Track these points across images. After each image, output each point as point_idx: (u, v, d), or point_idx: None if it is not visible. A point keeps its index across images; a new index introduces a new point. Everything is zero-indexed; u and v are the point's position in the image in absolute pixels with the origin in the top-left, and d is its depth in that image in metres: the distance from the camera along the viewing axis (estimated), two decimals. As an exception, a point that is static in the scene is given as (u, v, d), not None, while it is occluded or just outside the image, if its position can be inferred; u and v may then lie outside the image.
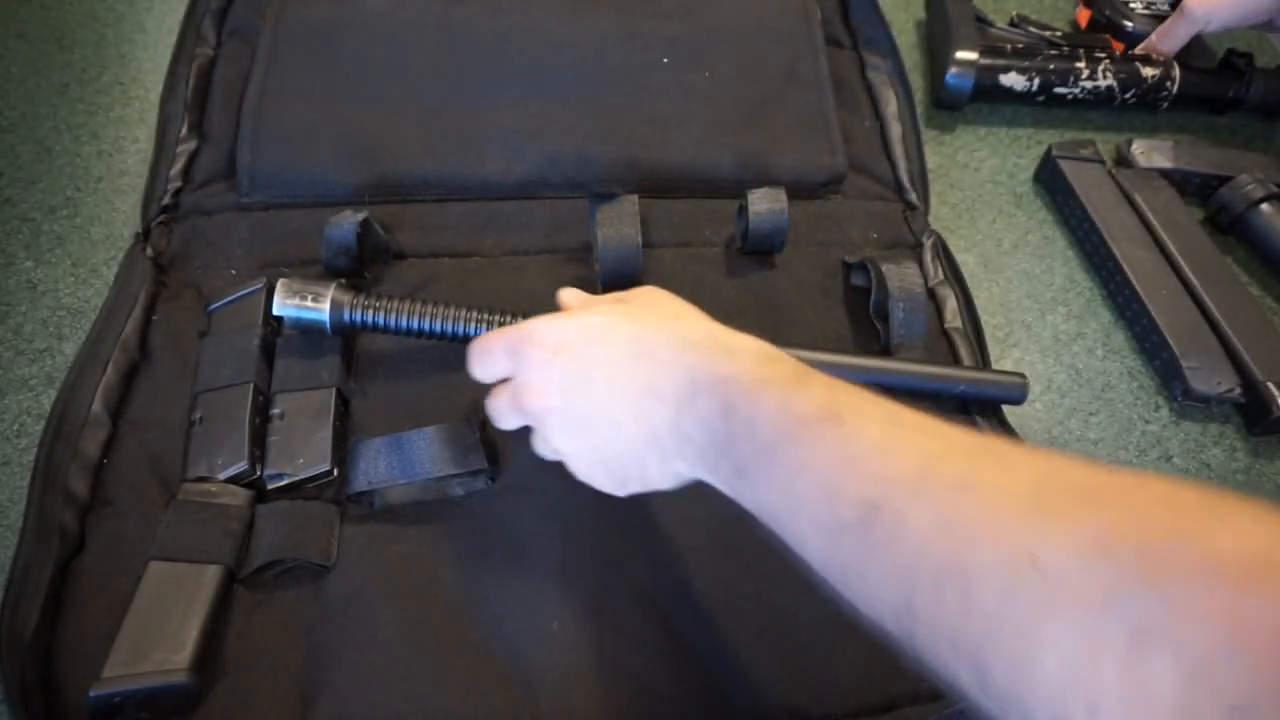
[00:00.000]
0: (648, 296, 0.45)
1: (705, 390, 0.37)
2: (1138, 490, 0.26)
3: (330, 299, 0.51)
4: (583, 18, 0.71)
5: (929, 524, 0.28)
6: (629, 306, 0.43)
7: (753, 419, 0.35)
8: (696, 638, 0.46)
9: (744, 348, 0.39)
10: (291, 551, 0.47)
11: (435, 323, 0.51)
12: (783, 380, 0.35)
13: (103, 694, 0.41)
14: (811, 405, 0.33)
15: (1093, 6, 0.79)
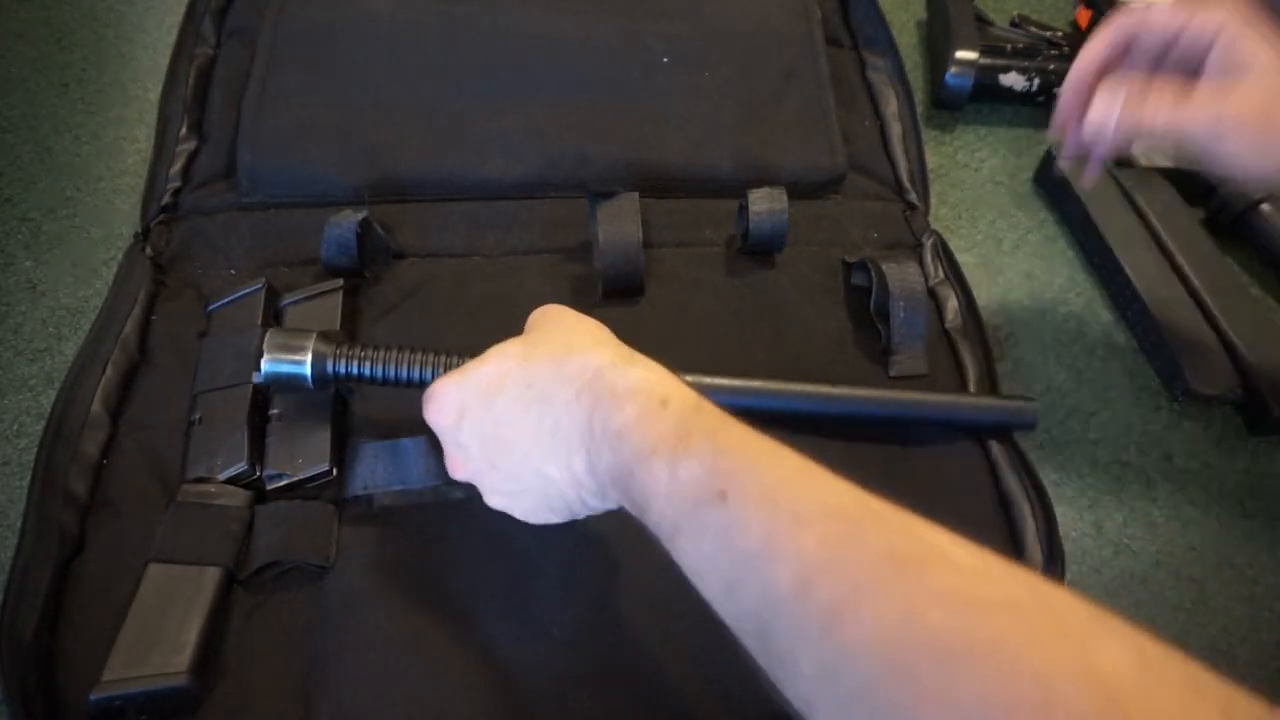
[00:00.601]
0: (542, 321, 0.43)
1: (604, 444, 0.36)
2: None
3: (311, 351, 0.47)
4: (583, 18, 0.70)
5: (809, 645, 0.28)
6: (522, 344, 0.42)
7: (647, 495, 0.34)
8: (696, 640, 0.46)
9: (632, 389, 0.36)
10: (291, 552, 0.47)
11: (392, 369, 0.48)
12: (670, 442, 0.34)
13: (103, 697, 0.41)
14: (695, 480, 0.32)
15: (1093, 7, 0.79)
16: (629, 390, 0.36)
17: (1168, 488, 0.57)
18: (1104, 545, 0.55)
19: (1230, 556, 0.54)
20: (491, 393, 0.40)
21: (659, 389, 0.36)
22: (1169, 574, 0.54)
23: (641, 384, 0.36)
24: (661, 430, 0.34)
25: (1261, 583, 0.54)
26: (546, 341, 0.41)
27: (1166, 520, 0.56)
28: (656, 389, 0.36)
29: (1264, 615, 0.52)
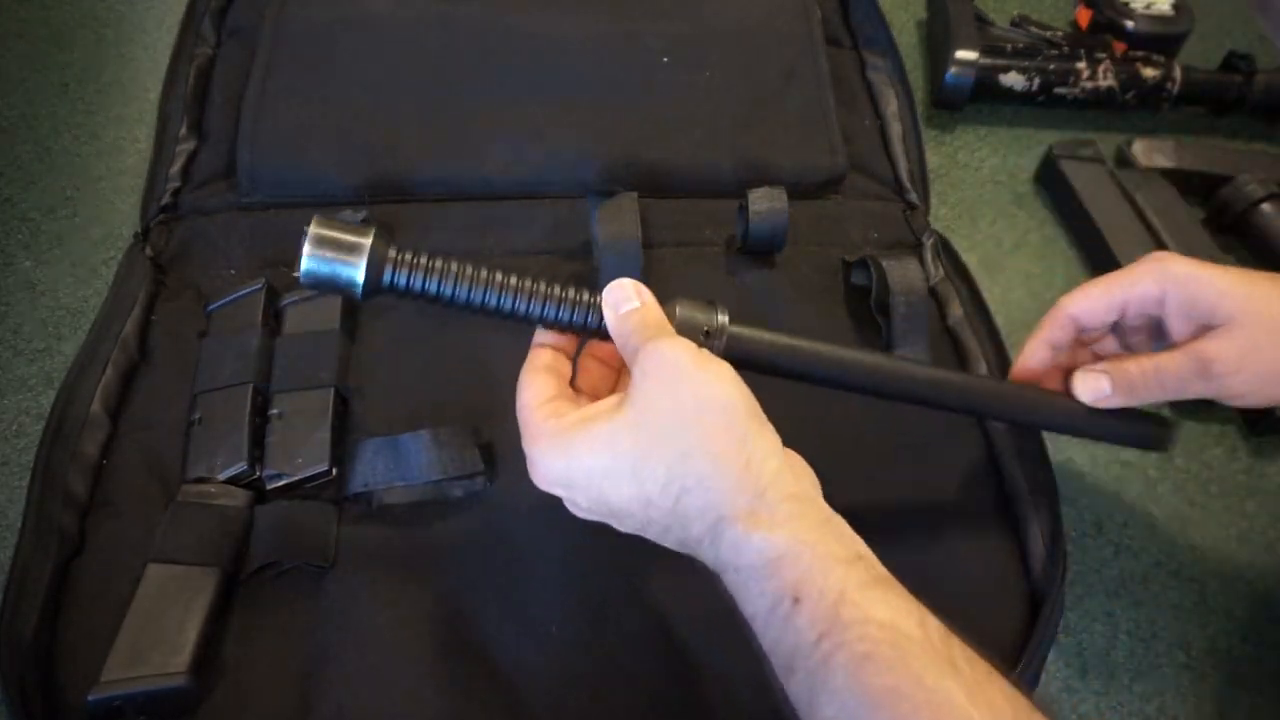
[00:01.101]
0: (659, 391, 0.36)
1: (725, 568, 0.35)
2: None
3: (367, 254, 0.37)
4: (583, 18, 0.70)
5: None
6: (632, 432, 0.36)
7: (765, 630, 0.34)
8: (696, 638, 0.46)
9: (756, 569, 0.33)
10: (290, 552, 0.47)
11: (501, 298, 0.40)
12: (796, 647, 0.32)
13: (102, 697, 0.41)
14: (808, 642, 0.32)
15: (1093, 7, 0.79)
16: (753, 569, 0.34)
17: (1168, 488, 0.57)
18: (1104, 545, 0.55)
19: (1230, 556, 0.54)
20: (603, 490, 0.37)
21: (788, 574, 0.33)
22: (1169, 574, 0.54)
23: (768, 566, 0.33)
24: (787, 635, 0.33)
25: (1261, 583, 0.54)
26: (660, 442, 0.35)
27: (1166, 520, 0.56)
28: (786, 576, 0.33)
29: (1264, 615, 0.52)
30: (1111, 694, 0.49)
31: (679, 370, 0.36)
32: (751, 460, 0.35)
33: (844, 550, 0.34)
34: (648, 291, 0.39)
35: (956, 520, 0.51)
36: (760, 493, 0.34)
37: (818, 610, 0.32)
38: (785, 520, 0.34)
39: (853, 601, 0.32)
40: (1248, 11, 0.88)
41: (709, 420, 0.35)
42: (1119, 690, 0.50)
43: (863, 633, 0.31)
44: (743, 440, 0.35)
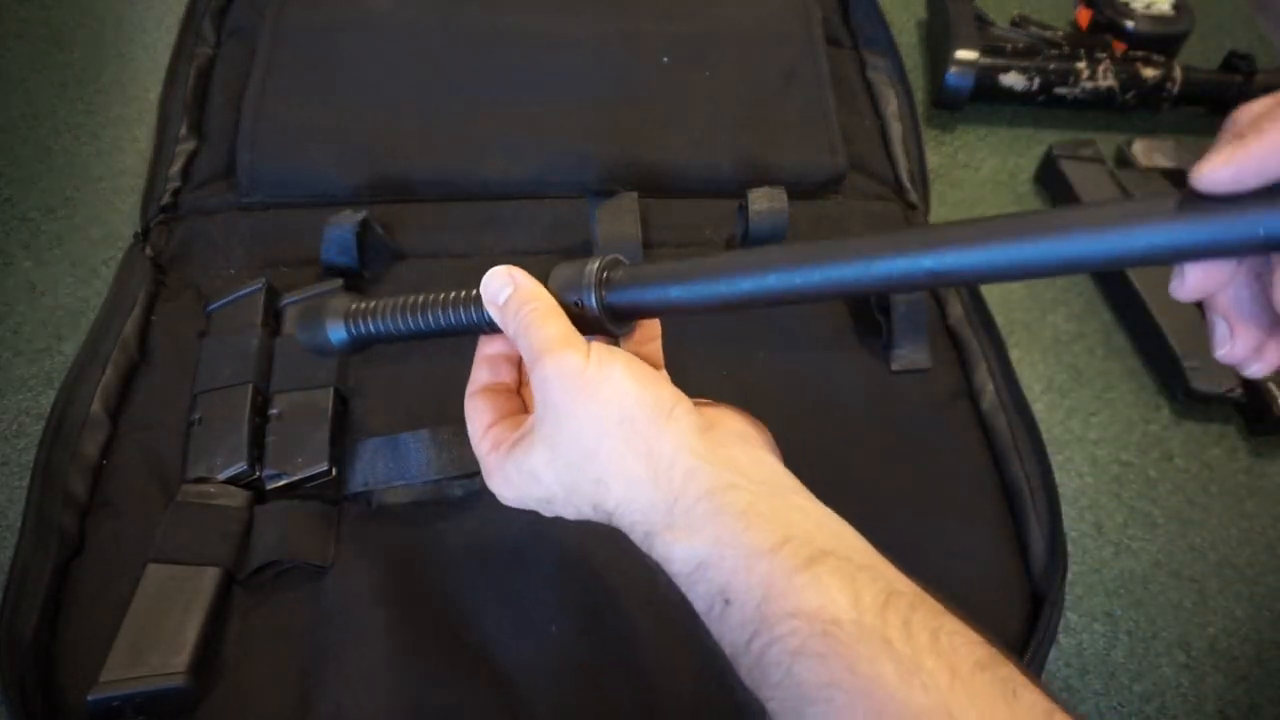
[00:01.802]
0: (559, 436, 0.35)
1: (664, 571, 0.34)
2: None
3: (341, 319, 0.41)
4: (583, 18, 0.70)
5: None
6: (548, 452, 0.35)
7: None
8: (695, 637, 0.46)
9: (683, 576, 0.33)
10: (290, 552, 0.47)
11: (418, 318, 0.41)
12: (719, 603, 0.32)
13: (101, 698, 0.41)
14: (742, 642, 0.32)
15: (1093, 7, 0.79)
16: (684, 575, 0.33)
17: (1168, 488, 0.57)
18: (1104, 545, 0.55)
19: (1230, 556, 0.54)
20: (554, 508, 0.38)
21: (715, 577, 0.32)
22: (1169, 574, 0.54)
23: (695, 572, 0.33)
24: (725, 634, 0.32)
25: (1261, 583, 0.54)
26: (575, 470, 0.35)
27: (1166, 520, 0.56)
28: (714, 579, 0.32)
29: (1264, 615, 0.52)
30: (1111, 694, 0.49)
31: (569, 393, 0.34)
32: (659, 471, 0.34)
33: (768, 538, 0.32)
34: (521, 273, 0.37)
35: (956, 520, 0.51)
36: (673, 501, 0.33)
37: (746, 611, 0.31)
38: (703, 523, 0.33)
39: (779, 593, 0.31)
40: (1248, 11, 0.88)
41: (610, 442, 0.34)
42: (1119, 690, 0.50)
43: (791, 627, 0.30)
44: (648, 453, 0.34)
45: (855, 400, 0.55)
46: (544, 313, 0.36)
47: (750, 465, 0.35)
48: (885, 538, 0.50)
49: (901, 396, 0.56)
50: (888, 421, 0.54)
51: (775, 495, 0.34)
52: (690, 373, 0.54)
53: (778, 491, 0.34)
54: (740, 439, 0.36)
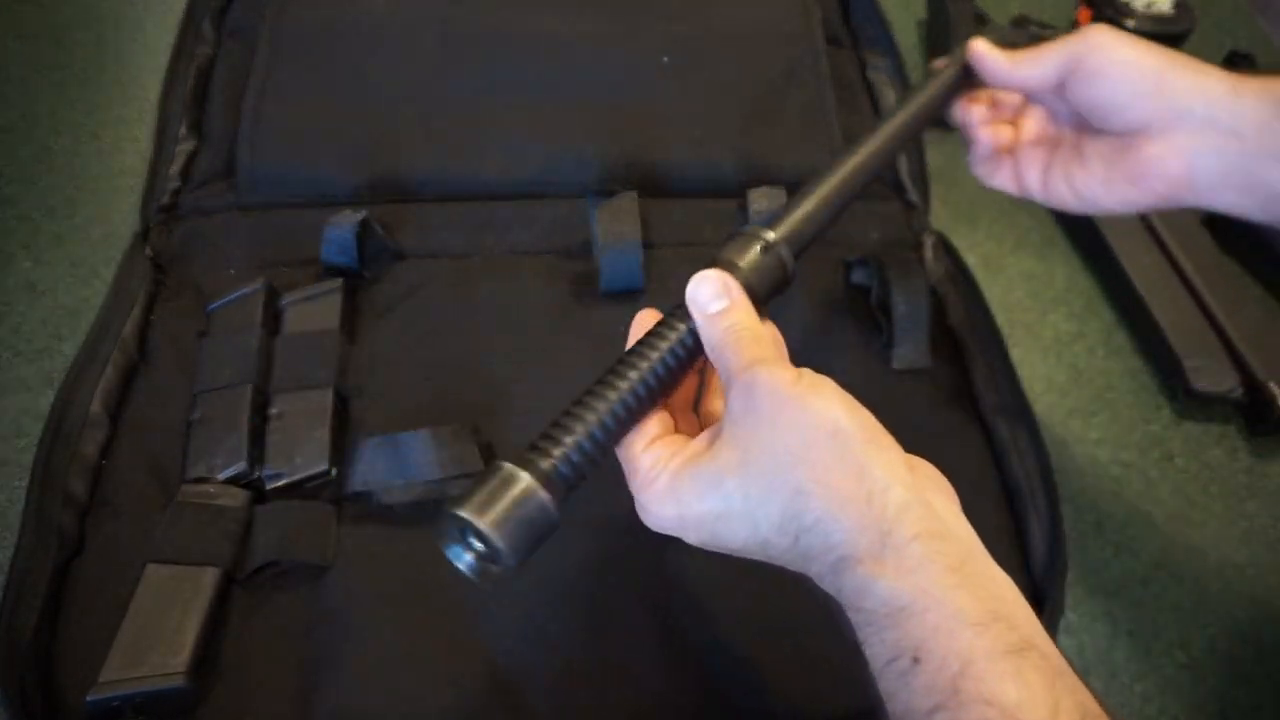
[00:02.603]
0: (757, 446, 0.33)
1: (846, 605, 0.32)
2: None
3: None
4: (583, 18, 0.70)
5: None
6: (740, 469, 0.33)
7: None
8: (696, 639, 0.46)
9: (875, 621, 0.30)
10: (289, 552, 0.47)
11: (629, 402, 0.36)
12: (907, 658, 0.30)
13: (100, 698, 0.41)
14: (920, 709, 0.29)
15: (1094, 6, 0.79)
16: (874, 615, 0.30)
17: (1168, 488, 0.57)
18: (1104, 545, 0.55)
19: (1230, 556, 0.54)
20: (716, 532, 0.34)
21: (911, 630, 0.29)
22: (1169, 574, 0.54)
23: (890, 617, 0.30)
24: (901, 692, 0.29)
25: (1262, 583, 0.54)
26: (770, 482, 0.33)
27: (1166, 520, 0.56)
28: (909, 631, 0.29)
29: (1265, 616, 0.52)
30: (1111, 694, 0.49)
31: (777, 401, 0.33)
32: (873, 494, 0.31)
33: (978, 609, 0.29)
34: (735, 285, 0.37)
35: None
36: (885, 533, 0.31)
37: (937, 679, 0.28)
38: (913, 567, 0.30)
39: (977, 675, 0.28)
40: (1248, 11, 0.88)
41: (819, 453, 0.32)
42: (1119, 690, 0.50)
43: (983, 715, 0.27)
44: (860, 472, 0.32)
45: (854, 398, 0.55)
46: (755, 330, 0.36)
47: (952, 519, 0.33)
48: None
49: (902, 396, 0.56)
50: (888, 421, 0.54)
51: (977, 559, 0.32)
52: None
53: (978, 555, 0.32)
54: (938, 488, 0.34)
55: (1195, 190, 0.43)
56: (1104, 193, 0.45)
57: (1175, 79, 0.42)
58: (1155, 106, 0.42)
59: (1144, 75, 0.42)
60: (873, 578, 0.30)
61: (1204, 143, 0.41)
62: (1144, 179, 0.43)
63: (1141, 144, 0.43)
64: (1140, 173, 0.43)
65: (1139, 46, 0.43)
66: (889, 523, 0.31)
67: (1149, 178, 0.43)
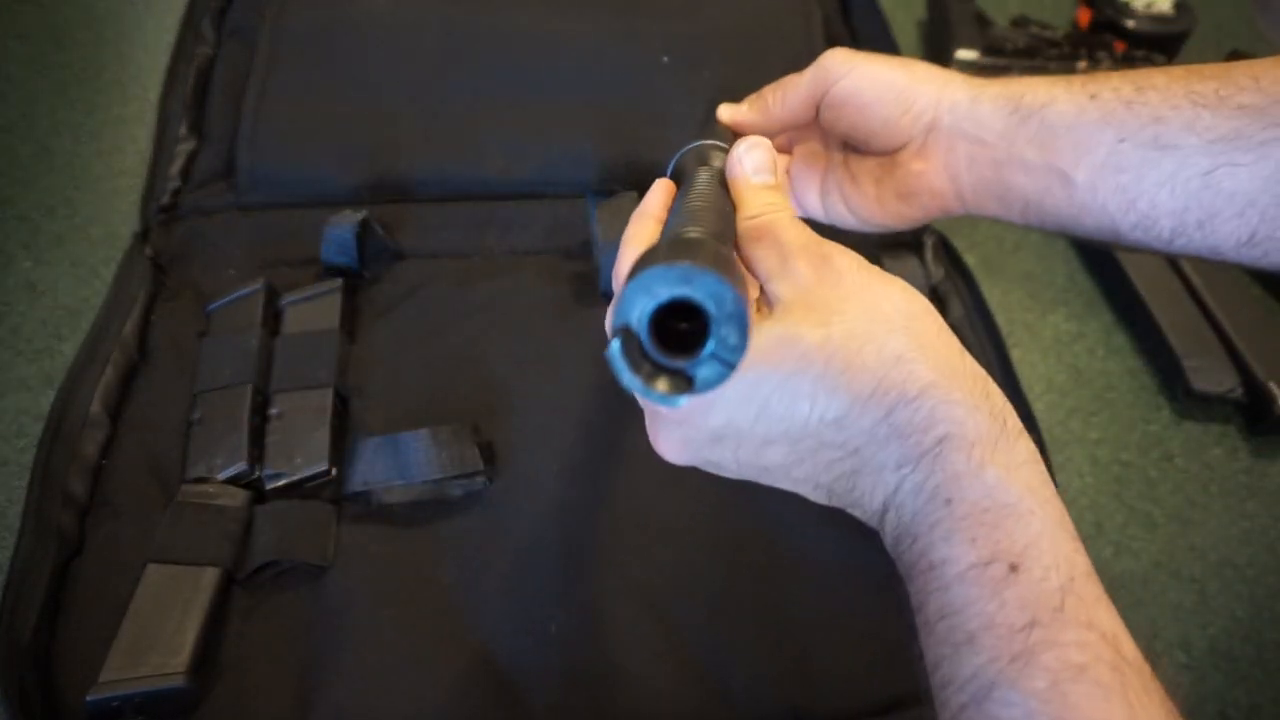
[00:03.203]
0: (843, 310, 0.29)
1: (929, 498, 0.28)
2: None
3: None
4: (583, 17, 0.70)
5: None
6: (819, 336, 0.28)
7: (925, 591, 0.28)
8: (695, 638, 0.46)
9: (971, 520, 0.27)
10: (289, 552, 0.47)
11: None
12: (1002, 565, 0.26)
13: (100, 698, 0.41)
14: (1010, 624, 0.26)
15: (1094, 6, 0.79)
16: (972, 511, 0.27)
17: (1168, 488, 0.57)
18: (1104, 545, 0.55)
19: (1230, 556, 0.54)
20: (767, 410, 0.29)
21: (1014, 534, 0.26)
22: (1169, 574, 0.54)
23: (991, 513, 0.27)
24: (988, 603, 0.26)
25: (1262, 583, 0.53)
26: (861, 345, 0.28)
27: (1167, 520, 0.56)
28: (1010, 534, 0.26)
29: (1265, 616, 0.52)
30: (1112, 694, 0.49)
31: (863, 271, 0.30)
32: (979, 376, 0.28)
33: (1071, 527, 0.27)
34: (782, 166, 0.36)
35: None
36: (1000, 418, 0.28)
37: (1038, 591, 0.25)
38: (1023, 463, 0.27)
39: (1079, 595, 0.25)
40: (1248, 11, 0.88)
41: (922, 323, 0.28)
42: (1119, 690, 0.49)
43: (1083, 639, 0.25)
44: (962, 353, 0.29)
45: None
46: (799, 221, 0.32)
47: None
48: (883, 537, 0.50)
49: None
50: None
51: None
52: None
53: None
54: None
55: (964, 202, 0.42)
56: (879, 211, 0.44)
57: (919, 93, 0.41)
58: (906, 124, 0.41)
59: (888, 96, 0.41)
60: (983, 464, 0.27)
61: (957, 154, 0.41)
62: (913, 195, 0.42)
63: (903, 161, 0.42)
64: (908, 189, 0.42)
65: (878, 65, 0.41)
66: (1001, 409, 0.28)
67: (917, 193, 0.42)
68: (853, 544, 0.49)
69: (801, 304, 0.29)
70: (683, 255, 0.23)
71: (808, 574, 0.48)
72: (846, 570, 0.48)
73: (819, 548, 0.49)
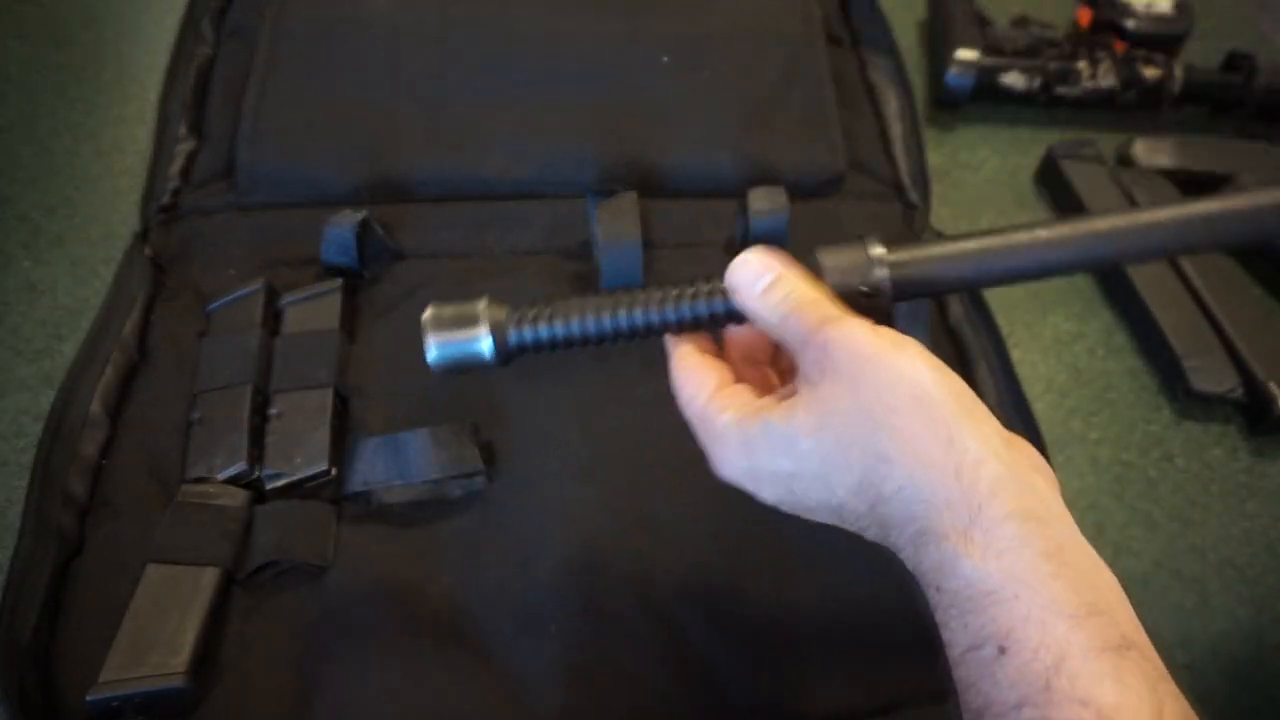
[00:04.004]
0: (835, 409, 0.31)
1: (925, 583, 0.30)
2: None
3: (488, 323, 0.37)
4: (583, 17, 0.70)
5: None
6: (812, 438, 0.31)
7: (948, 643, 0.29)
8: (695, 638, 0.46)
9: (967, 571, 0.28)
10: (289, 552, 0.47)
11: (620, 318, 0.38)
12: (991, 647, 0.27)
13: (100, 698, 0.41)
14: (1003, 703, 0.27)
15: (1094, 6, 0.79)
16: (956, 597, 0.28)
17: (1168, 488, 0.57)
18: (1104, 545, 0.55)
19: (1230, 556, 0.54)
20: (790, 490, 0.33)
21: (998, 617, 0.27)
22: (1169, 574, 0.54)
23: (973, 600, 0.28)
24: (982, 682, 0.27)
25: (1262, 583, 0.54)
26: (847, 447, 0.30)
27: (1167, 520, 0.56)
28: (995, 618, 0.27)
29: (1265, 616, 0.52)
30: (1112, 694, 0.49)
31: (855, 360, 0.30)
32: (963, 467, 0.29)
33: (1074, 599, 0.27)
34: (777, 258, 0.34)
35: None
36: (975, 509, 0.28)
37: (1025, 672, 0.26)
38: (1004, 549, 0.27)
39: (1070, 673, 0.26)
40: (1248, 11, 0.88)
41: (903, 419, 0.29)
42: (1119, 690, 0.49)
43: (1076, 716, 0.25)
44: (949, 441, 0.29)
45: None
46: (811, 293, 0.33)
47: (1053, 501, 0.30)
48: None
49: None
50: None
51: (1077, 546, 0.29)
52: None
53: (1078, 543, 0.29)
54: (1036, 467, 0.31)
55: None
56: None
57: None
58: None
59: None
60: (957, 556, 0.28)
61: None
62: None
63: None
64: None
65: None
66: (980, 498, 0.28)
67: None
68: (854, 545, 0.49)
69: (804, 402, 0.32)
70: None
71: (808, 574, 0.48)
72: (847, 571, 0.48)
73: (819, 548, 0.49)
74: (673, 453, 0.51)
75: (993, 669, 0.27)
